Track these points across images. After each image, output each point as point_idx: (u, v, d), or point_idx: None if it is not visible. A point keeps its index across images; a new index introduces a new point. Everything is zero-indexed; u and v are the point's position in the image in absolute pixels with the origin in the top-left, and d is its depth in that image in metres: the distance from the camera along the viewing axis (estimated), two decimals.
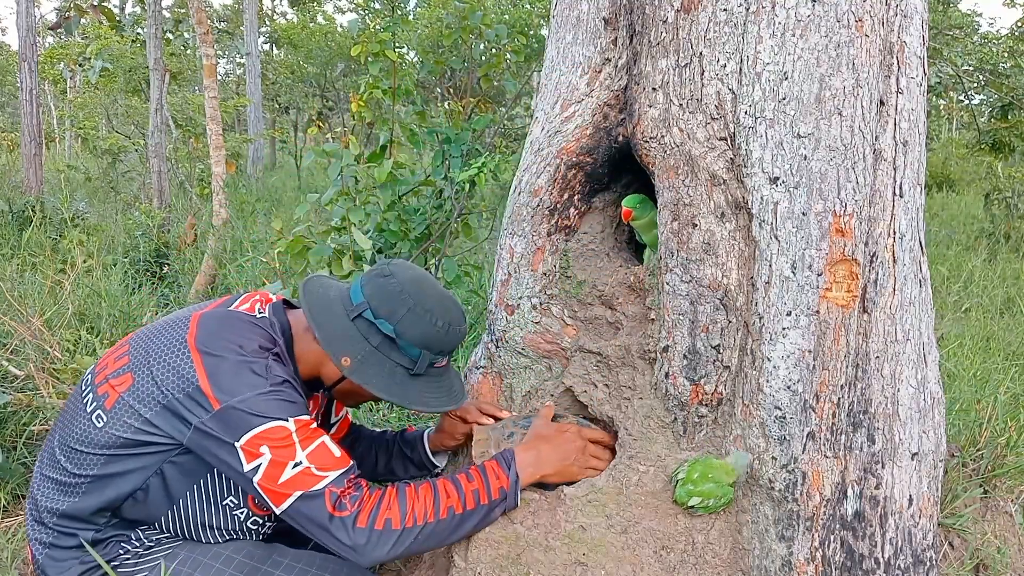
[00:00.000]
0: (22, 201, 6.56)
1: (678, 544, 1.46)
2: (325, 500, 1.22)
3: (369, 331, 1.36)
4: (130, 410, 1.31)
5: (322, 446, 1.27)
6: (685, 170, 1.48)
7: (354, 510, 1.23)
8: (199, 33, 5.41)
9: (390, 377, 1.35)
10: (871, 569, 1.45)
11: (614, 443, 1.56)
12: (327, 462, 1.26)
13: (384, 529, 1.23)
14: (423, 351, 1.37)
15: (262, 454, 1.23)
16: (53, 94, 18.68)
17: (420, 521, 1.26)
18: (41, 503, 1.39)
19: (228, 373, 1.26)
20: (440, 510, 1.28)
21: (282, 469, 1.22)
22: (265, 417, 1.23)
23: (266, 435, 1.23)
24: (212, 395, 1.25)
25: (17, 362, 2.86)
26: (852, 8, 1.38)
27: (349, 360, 1.32)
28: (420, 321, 1.36)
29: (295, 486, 1.22)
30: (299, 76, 16.79)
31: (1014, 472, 2.00)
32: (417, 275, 1.41)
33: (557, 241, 1.72)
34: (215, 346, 1.30)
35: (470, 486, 1.33)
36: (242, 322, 1.37)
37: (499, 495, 1.35)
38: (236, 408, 1.23)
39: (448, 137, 3.05)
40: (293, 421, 1.25)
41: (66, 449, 1.37)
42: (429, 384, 1.40)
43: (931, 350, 1.56)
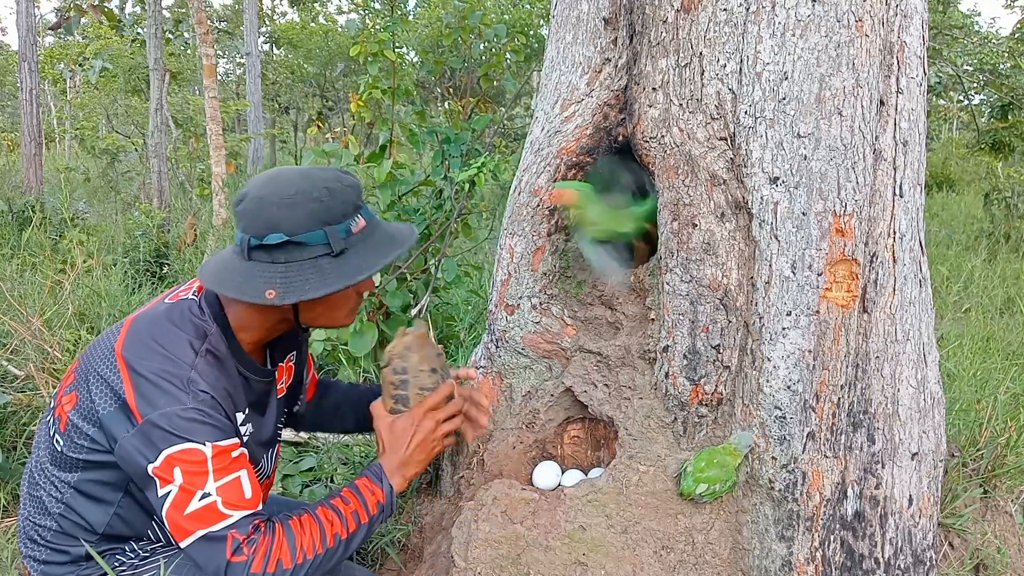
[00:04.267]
0: (22, 201, 6.56)
1: (678, 544, 1.46)
2: (227, 544, 1.17)
3: (268, 255, 1.25)
4: (77, 430, 1.27)
5: (235, 482, 1.21)
6: (685, 170, 1.48)
7: (250, 555, 1.18)
8: (199, 33, 5.41)
9: (318, 273, 1.24)
10: (871, 569, 1.45)
11: (452, 390, 1.47)
12: (237, 500, 1.20)
13: (277, 570, 1.19)
14: (324, 228, 1.24)
15: (173, 479, 1.17)
16: (53, 94, 18.68)
17: (310, 555, 1.22)
18: (30, 520, 1.37)
19: (151, 386, 1.20)
20: (327, 539, 1.25)
21: (190, 498, 1.17)
22: (182, 437, 1.17)
23: (181, 456, 1.17)
24: (136, 409, 1.19)
25: (17, 362, 2.86)
26: (852, 8, 1.38)
27: (273, 290, 1.23)
28: (297, 207, 1.23)
29: (199, 522, 1.17)
30: (299, 76, 16.80)
31: (1014, 472, 2.00)
32: (266, 175, 1.31)
33: (557, 241, 1.72)
34: (140, 354, 1.23)
35: (348, 508, 1.30)
36: (170, 321, 1.29)
37: (377, 509, 1.32)
38: (156, 424, 1.17)
39: (448, 137, 3.05)
40: (211, 446, 1.19)
41: (41, 471, 1.35)
42: (363, 248, 1.29)
43: (931, 350, 1.56)
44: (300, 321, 1.38)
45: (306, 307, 1.35)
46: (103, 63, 9.72)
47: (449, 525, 1.65)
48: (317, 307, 1.35)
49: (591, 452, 1.76)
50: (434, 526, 1.77)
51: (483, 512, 1.49)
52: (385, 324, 3.04)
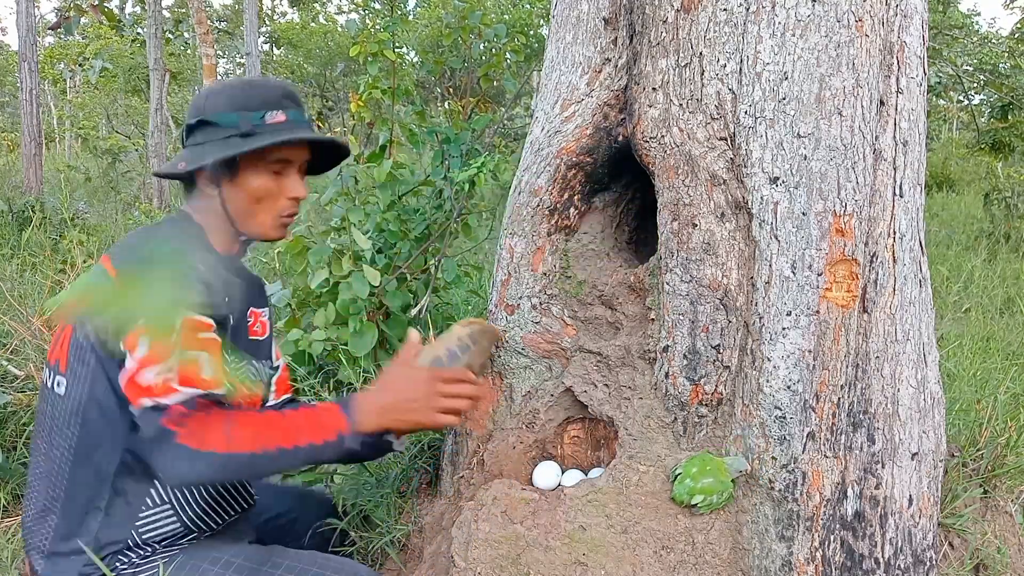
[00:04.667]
0: (22, 201, 6.56)
1: (678, 544, 1.46)
2: (167, 415, 1.17)
3: (193, 139, 1.37)
4: (76, 355, 1.28)
5: (196, 360, 1.20)
6: (685, 170, 1.48)
7: (183, 428, 1.16)
8: (199, 33, 5.41)
9: (223, 146, 1.32)
10: (871, 569, 1.45)
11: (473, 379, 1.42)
12: (193, 377, 1.19)
13: (201, 451, 1.16)
14: (239, 113, 1.33)
15: (138, 346, 1.18)
16: (53, 94, 18.69)
17: (240, 449, 1.19)
18: (35, 508, 1.38)
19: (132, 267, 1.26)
20: (265, 442, 1.20)
21: (147, 367, 1.17)
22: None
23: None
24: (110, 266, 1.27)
25: (17, 362, 2.86)
26: (852, 8, 1.38)
27: (184, 162, 1.33)
28: (218, 96, 1.36)
29: (148, 392, 1.17)
30: (299, 76, 16.80)
31: (1014, 472, 2.00)
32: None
33: (557, 241, 1.72)
34: (121, 247, 1.32)
35: (297, 423, 1.25)
36: (151, 227, 1.41)
37: (334, 437, 1.25)
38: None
39: (448, 137, 3.05)
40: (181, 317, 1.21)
41: (45, 436, 1.36)
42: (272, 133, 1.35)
43: (931, 350, 1.56)
44: (232, 218, 1.40)
45: (229, 197, 1.39)
46: (103, 63, 9.73)
47: (449, 525, 1.65)
48: (238, 197, 1.39)
49: (591, 452, 1.76)
50: (434, 526, 1.77)
51: (483, 512, 1.49)
52: (385, 324, 3.04)
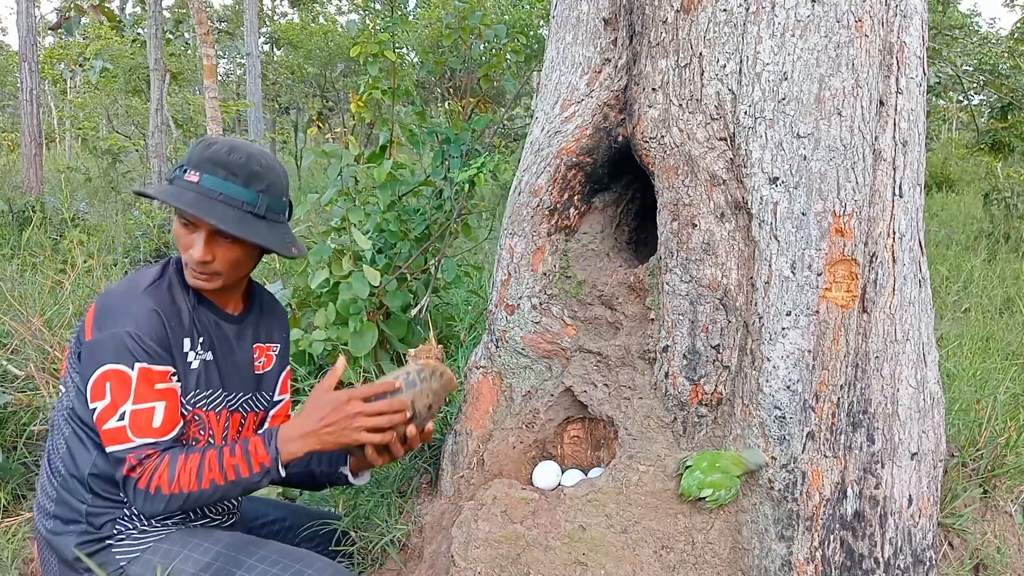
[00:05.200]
0: (22, 201, 6.56)
1: (678, 544, 1.46)
2: (125, 463, 1.34)
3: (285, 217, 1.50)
4: (68, 373, 1.45)
5: (149, 411, 1.36)
6: (685, 170, 1.48)
7: (138, 474, 1.34)
8: (199, 33, 5.41)
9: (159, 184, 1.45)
10: (871, 569, 1.45)
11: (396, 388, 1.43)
12: (144, 427, 1.35)
13: (155, 494, 1.34)
14: (181, 163, 1.44)
15: (104, 395, 1.34)
16: (53, 94, 18.68)
17: (185, 489, 1.35)
18: (42, 483, 1.52)
19: (104, 309, 1.38)
20: (202, 481, 1.36)
21: (111, 416, 1.34)
22: (116, 358, 1.34)
23: (112, 374, 1.33)
24: (89, 328, 1.38)
25: (17, 362, 2.86)
26: (852, 8, 1.38)
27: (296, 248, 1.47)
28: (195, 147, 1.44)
29: (112, 440, 1.34)
30: (299, 76, 16.80)
31: (1014, 472, 2.00)
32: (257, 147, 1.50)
33: (557, 241, 1.72)
34: (106, 292, 1.43)
35: (231, 460, 1.39)
36: (143, 271, 1.49)
37: (260, 469, 1.39)
38: (98, 343, 1.35)
39: (448, 137, 3.05)
40: (139, 368, 1.35)
41: (52, 434, 1.53)
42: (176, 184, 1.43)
43: (931, 350, 1.56)
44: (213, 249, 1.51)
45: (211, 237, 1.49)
46: (103, 63, 9.73)
47: (449, 525, 1.65)
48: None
49: (591, 452, 1.76)
50: (434, 526, 1.77)
51: (483, 512, 1.49)
52: (385, 324, 3.04)
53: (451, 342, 3.30)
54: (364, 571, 1.83)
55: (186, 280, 1.46)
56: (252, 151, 1.44)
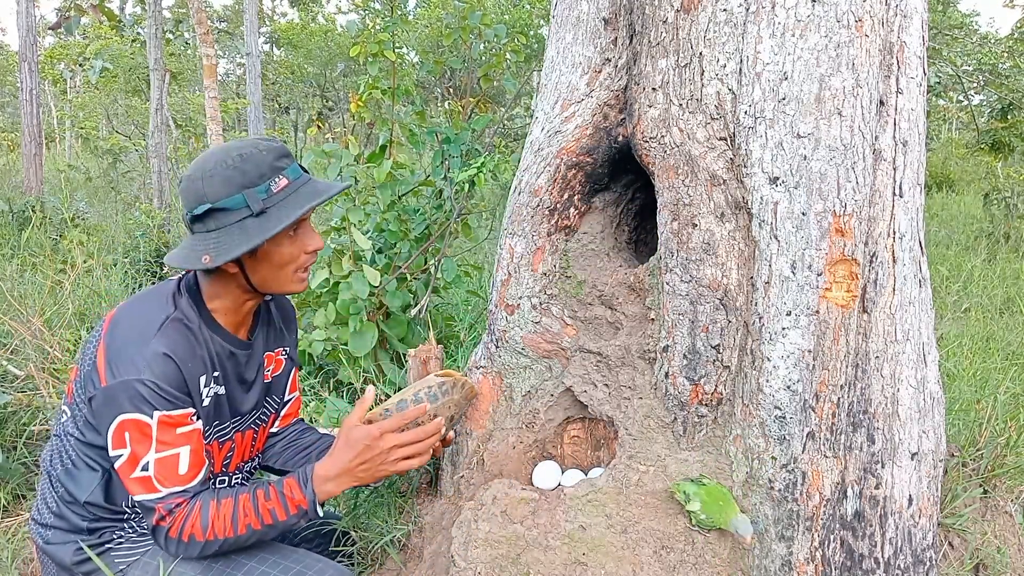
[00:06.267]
0: (22, 201, 6.56)
1: (678, 544, 1.46)
2: (155, 513, 1.32)
3: (203, 225, 1.36)
4: (76, 401, 1.41)
5: (173, 458, 1.33)
6: (685, 170, 1.48)
7: (170, 523, 1.32)
8: (199, 33, 5.41)
9: (243, 233, 1.34)
10: (871, 569, 1.45)
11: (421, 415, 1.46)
12: (169, 475, 1.32)
13: (189, 542, 1.33)
14: (243, 192, 1.34)
15: (125, 445, 1.30)
16: (53, 94, 18.68)
17: (220, 536, 1.34)
18: (42, 491, 1.50)
19: (115, 353, 1.32)
20: (238, 527, 1.35)
21: (134, 466, 1.31)
22: (134, 407, 1.29)
23: (131, 424, 1.29)
24: (102, 372, 1.31)
25: (17, 362, 2.86)
26: (852, 8, 1.38)
27: (207, 255, 1.33)
28: (215, 177, 1.33)
29: (138, 488, 1.31)
30: (299, 76, 16.80)
31: (1014, 472, 2.01)
32: (197, 158, 1.42)
33: (557, 241, 1.72)
34: (116, 324, 1.37)
35: (266, 505, 1.37)
36: (151, 295, 1.43)
37: (296, 511, 1.38)
38: (113, 391, 1.29)
39: (448, 137, 3.05)
40: (158, 417, 1.31)
41: (53, 445, 1.50)
42: (284, 204, 1.37)
43: (931, 350, 1.56)
44: (256, 287, 1.46)
45: (252, 270, 1.43)
46: (103, 63, 9.72)
47: (449, 525, 1.65)
48: (262, 269, 1.43)
49: (591, 452, 1.76)
50: (434, 526, 1.77)
51: (483, 512, 1.49)
52: (385, 324, 3.04)
53: (451, 342, 3.30)
54: (364, 571, 1.83)
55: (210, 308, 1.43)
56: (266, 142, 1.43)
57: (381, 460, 1.40)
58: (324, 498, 1.40)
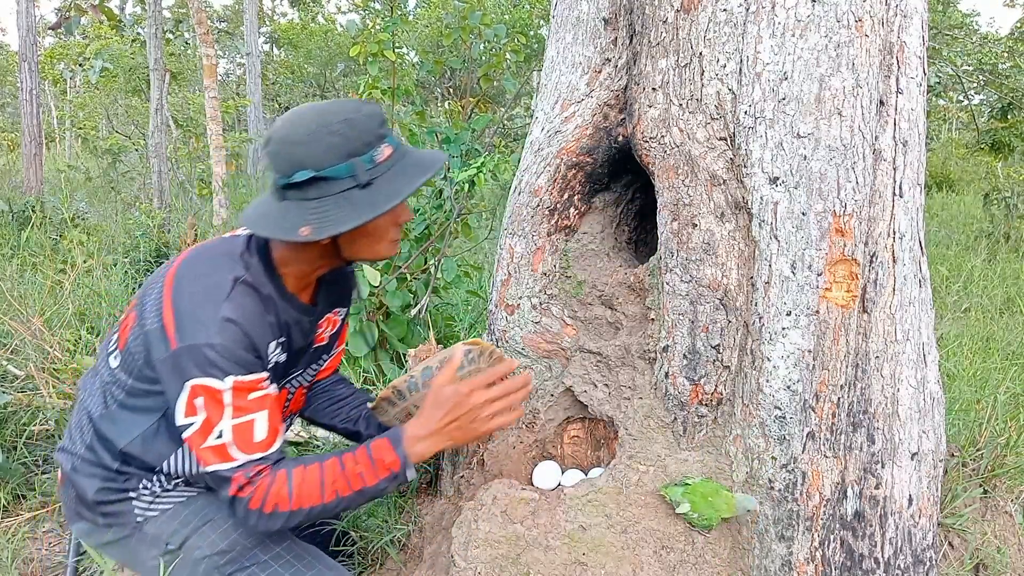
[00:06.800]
0: (22, 201, 6.56)
1: (678, 544, 1.46)
2: (231, 483, 1.25)
3: (299, 193, 1.27)
4: (130, 350, 1.34)
5: (249, 424, 1.26)
6: (685, 170, 1.48)
7: (249, 494, 1.25)
8: (199, 33, 5.41)
9: (349, 205, 1.26)
10: (871, 569, 1.45)
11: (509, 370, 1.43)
12: (246, 442, 1.25)
13: (272, 512, 1.26)
14: (349, 161, 1.25)
15: (197, 412, 1.23)
16: (53, 94, 18.68)
17: (305, 505, 1.28)
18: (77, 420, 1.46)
19: (185, 315, 1.25)
20: (327, 493, 1.28)
21: (207, 435, 1.24)
22: (205, 372, 1.22)
23: (202, 390, 1.23)
24: (171, 335, 1.24)
25: (17, 362, 2.86)
26: (852, 8, 1.38)
27: (307, 227, 1.25)
28: (318, 143, 1.25)
29: (213, 457, 1.25)
30: (299, 76, 16.80)
31: (1014, 472, 2.01)
32: (288, 116, 1.32)
33: (557, 241, 1.72)
34: (182, 283, 1.29)
35: (355, 469, 1.31)
36: (217, 254, 1.35)
37: (387, 474, 1.32)
38: (184, 355, 1.22)
39: (447, 137, 3.05)
40: (231, 382, 1.24)
41: (97, 383, 1.43)
42: (391, 176, 1.29)
43: (931, 350, 1.56)
44: (343, 255, 1.40)
45: (346, 240, 1.36)
46: (103, 63, 9.72)
47: (449, 525, 1.65)
48: (358, 240, 1.36)
49: (591, 452, 1.76)
50: (434, 526, 1.77)
51: (483, 512, 1.49)
52: (385, 324, 3.04)
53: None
54: (364, 571, 1.83)
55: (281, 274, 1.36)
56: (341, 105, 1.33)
57: (473, 418, 1.36)
58: (416, 460, 1.34)
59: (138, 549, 1.42)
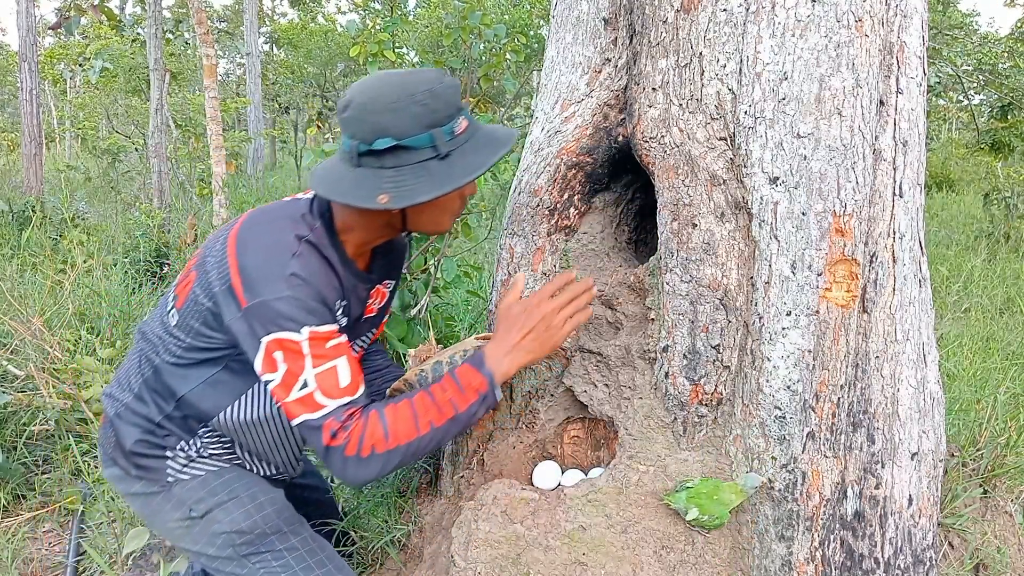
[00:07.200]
0: (22, 201, 6.56)
1: (678, 544, 1.46)
2: (323, 432, 1.24)
3: (377, 160, 1.26)
4: (194, 309, 1.34)
5: (332, 371, 1.25)
6: (685, 170, 1.48)
7: (344, 440, 1.24)
8: (199, 33, 5.41)
9: (428, 176, 1.25)
10: (871, 569, 1.45)
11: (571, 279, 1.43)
12: (332, 389, 1.24)
13: (370, 455, 1.24)
14: (430, 131, 1.25)
15: (277, 366, 1.23)
16: (53, 94, 18.68)
17: (402, 441, 1.26)
18: (131, 366, 1.46)
19: (253, 273, 1.24)
20: (421, 426, 1.27)
21: (291, 388, 1.23)
22: (279, 325, 1.22)
23: (280, 344, 1.22)
24: (241, 294, 1.24)
25: (17, 362, 2.86)
26: (852, 8, 1.38)
27: (385, 195, 1.24)
28: (402, 112, 1.24)
29: (300, 408, 1.24)
30: (299, 76, 16.80)
31: (1014, 472, 2.01)
32: (367, 82, 1.30)
33: (557, 241, 1.72)
34: (247, 242, 1.28)
35: (444, 396, 1.30)
36: (280, 215, 1.35)
37: (477, 398, 1.31)
38: (256, 312, 1.22)
39: None
40: (308, 332, 1.23)
41: (153, 334, 1.44)
42: (467, 149, 1.29)
43: (931, 350, 1.56)
44: (407, 226, 1.40)
45: (415, 211, 1.37)
46: (103, 63, 9.72)
47: (449, 525, 1.65)
48: (425, 211, 1.37)
49: (591, 452, 1.76)
50: (434, 526, 1.77)
51: (483, 512, 1.49)
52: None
53: (451, 342, 3.30)
54: (364, 571, 1.83)
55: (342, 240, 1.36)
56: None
57: (547, 326, 1.36)
58: (501, 378, 1.34)
59: (162, 508, 1.43)
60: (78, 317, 3.42)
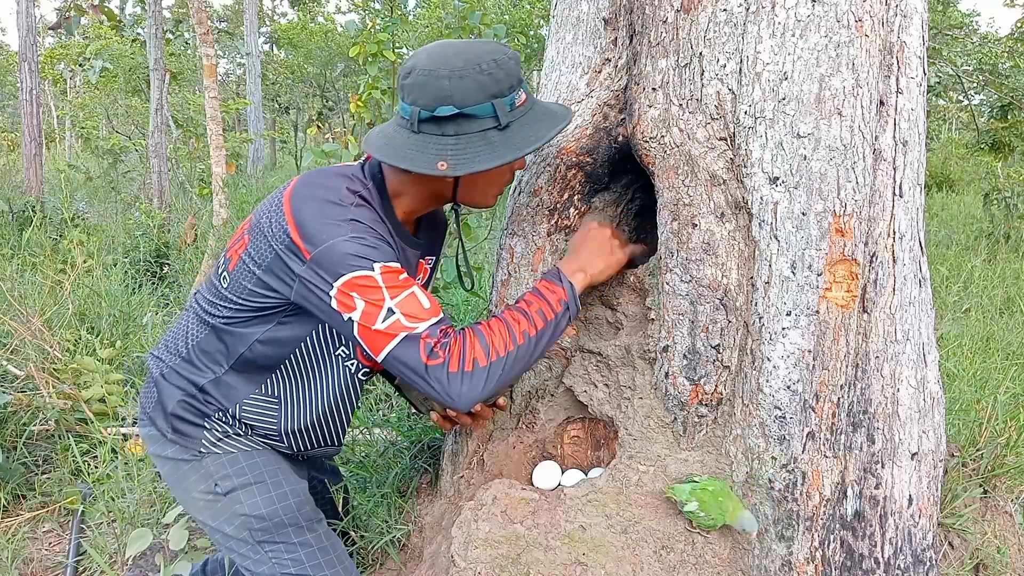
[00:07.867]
0: (22, 201, 6.57)
1: (678, 544, 1.46)
2: (420, 349, 1.22)
3: (438, 127, 1.27)
4: (246, 271, 1.34)
5: (411, 296, 1.25)
6: (685, 170, 1.48)
7: (445, 357, 1.23)
8: (199, 33, 5.41)
9: (488, 146, 1.26)
10: (871, 569, 1.45)
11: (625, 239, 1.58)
12: (418, 311, 1.24)
13: (474, 369, 1.24)
14: (492, 101, 1.26)
15: (355, 305, 1.22)
16: (53, 94, 18.69)
17: (502, 352, 1.27)
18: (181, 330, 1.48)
19: (313, 224, 1.25)
20: (516, 336, 1.29)
21: (375, 319, 1.22)
22: (349, 265, 1.22)
23: (354, 283, 1.22)
24: (302, 245, 1.24)
25: (17, 362, 2.86)
26: (852, 8, 1.38)
27: (444, 162, 1.25)
28: (466, 80, 1.25)
29: (391, 333, 1.23)
30: (299, 76, 16.80)
31: (1014, 472, 2.01)
32: (431, 49, 1.31)
33: (557, 241, 1.72)
34: (302, 195, 1.29)
35: (533, 308, 1.33)
36: (333, 173, 1.36)
37: (561, 307, 1.35)
38: (322, 258, 1.22)
39: None
40: (379, 267, 1.23)
41: (205, 298, 1.46)
42: (526, 121, 1.31)
43: (931, 350, 1.56)
44: (456, 196, 1.42)
45: (467, 181, 1.38)
46: (103, 63, 9.73)
47: (449, 525, 1.65)
48: (479, 182, 1.39)
49: (591, 452, 1.76)
50: (434, 526, 1.77)
51: (483, 512, 1.49)
52: None
53: None
54: (364, 571, 1.84)
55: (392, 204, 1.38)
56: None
57: (606, 243, 1.48)
58: (580, 288, 1.40)
59: (189, 477, 1.44)
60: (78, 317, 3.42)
